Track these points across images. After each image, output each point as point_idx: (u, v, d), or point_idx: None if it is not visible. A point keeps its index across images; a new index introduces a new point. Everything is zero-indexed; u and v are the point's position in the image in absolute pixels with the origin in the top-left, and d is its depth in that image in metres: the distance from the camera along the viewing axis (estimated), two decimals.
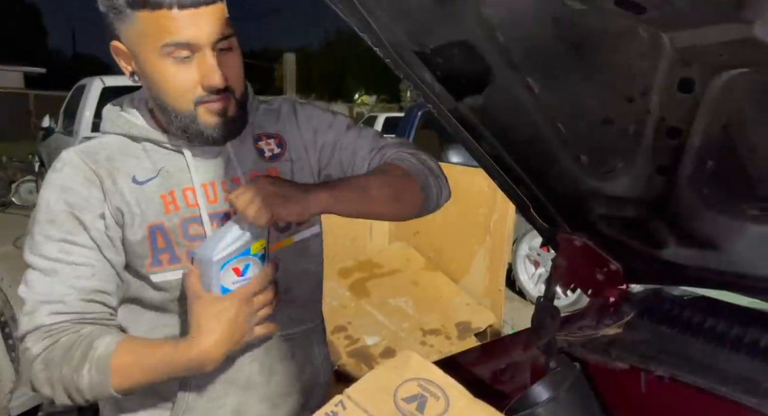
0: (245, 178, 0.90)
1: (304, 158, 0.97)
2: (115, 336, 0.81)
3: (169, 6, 0.75)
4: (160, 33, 0.76)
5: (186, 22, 0.76)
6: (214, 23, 0.78)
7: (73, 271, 0.81)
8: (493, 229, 3.18)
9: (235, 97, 0.84)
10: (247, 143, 0.93)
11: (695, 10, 0.63)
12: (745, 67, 0.67)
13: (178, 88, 0.80)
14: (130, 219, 0.84)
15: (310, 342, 1.02)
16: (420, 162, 0.97)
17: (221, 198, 0.89)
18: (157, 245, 0.85)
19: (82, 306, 0.81)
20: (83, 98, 5.44)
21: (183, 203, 0.86)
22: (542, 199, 1.13)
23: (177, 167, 0.88)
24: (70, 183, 0.83)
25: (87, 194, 0.83)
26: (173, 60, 0.78)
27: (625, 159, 0.95)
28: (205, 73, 0.79)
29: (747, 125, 0.76)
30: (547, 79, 0.89)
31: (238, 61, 0.84)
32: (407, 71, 0.97)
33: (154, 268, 0.86)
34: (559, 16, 0.76)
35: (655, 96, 0.79)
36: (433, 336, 2.94)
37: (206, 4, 0.77)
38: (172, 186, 0.87)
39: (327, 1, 0.90)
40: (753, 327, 0.96)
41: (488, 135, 1.04)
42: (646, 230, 1.03)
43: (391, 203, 0.92)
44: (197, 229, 0.87)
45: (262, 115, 0.97)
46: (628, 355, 1.02)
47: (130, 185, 0.85)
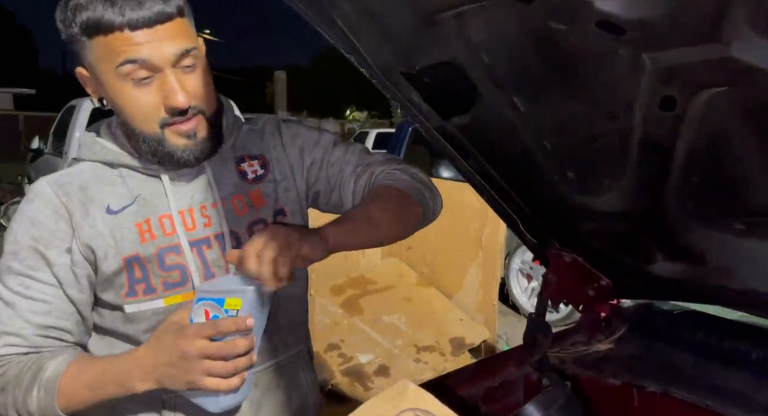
0: (225, 201, 0.88)
1: (289, 178, 0.95)
2: (66, 356, 0.79)
3: (120, 28, 0.73)
4: (115, 55, 0.75)
5: (140, 41, 0.74)
6: (171, 40, 0.76)
7: (30, 306, 0.80)
8: (485, 244, 3.19)
9: (205, 115, 0.82)
10: (228, 165, 0.91)
11: (674, 31, 0.64)
12: (725, 86, 0.68)
13: (141, 112, 0.78)
14: (103, 253, 0.82)
15: (296, 368, 1.00)
16: (411, 177, 0.96)
17: (200, 224, 0.87)
18: (134, 275, 0.83)
19: (39, 341, 0.81)
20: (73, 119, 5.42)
21: (159, 231, 0.84)
22: (531, 215, 1.13)
23: (154, 193, 0.86)
24: (39, 216, 0.82)
25: (54, 228, 0.82)
26: (132, 82, 0.76)
27: (611, 175, 0.96)
28: (167, 94, 0.77)
29: (729, 142, 0.77)
30: (533, 97, 0.90)
31: (205, 77, 0.81)
32: (394, 91, 0.98)
33: (129, 298, 0.84)
34: (542, 36, 0.77)
35: (638, 113, 0.80)
36: (427, 353, 2.92)
37: (160, 22, 0.75)
38: (149, 214, 0.85)
39: (313, 24, 0.91)
40: (743, 341, 0.97)
41: (475, 153, 1.04)
42: (634, 245, 1.04)
43: (395, 226, 0.91)
44: (174, 259, 0.84)
45: (245, 136, 0.95)
46: (621, 371, 1.02)
47: (104, 216, 0.83)
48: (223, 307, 0.74)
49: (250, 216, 0.90)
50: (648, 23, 0.65)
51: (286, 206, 0.94)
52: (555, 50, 0.78)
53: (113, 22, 0.73)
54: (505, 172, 1.08)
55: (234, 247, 0.87)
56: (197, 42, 0.81)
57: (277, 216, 0.92)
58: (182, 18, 0.78)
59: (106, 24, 0.73)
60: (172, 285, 0.85)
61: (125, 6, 0.73)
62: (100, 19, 0.73)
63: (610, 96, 0.81)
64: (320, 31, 0.92)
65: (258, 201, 0.91)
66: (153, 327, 0.85)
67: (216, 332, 0.71)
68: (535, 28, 0.76)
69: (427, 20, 0.80)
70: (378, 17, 0.82)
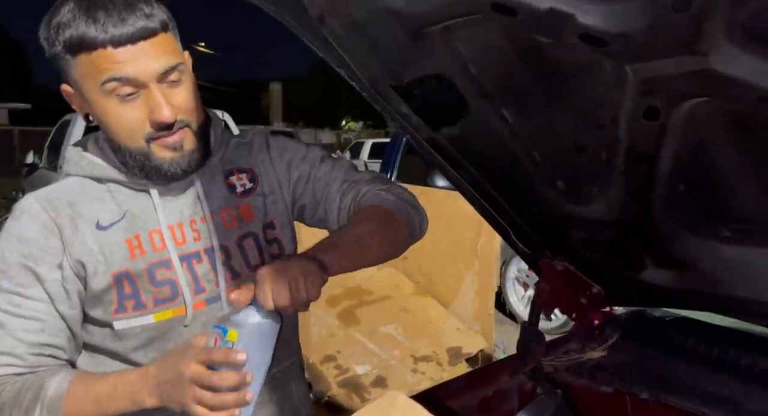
0: (214, 215, 0.88)
1: (277, 191, 0.95)
2: (65, 374, 0.78)
3: (103, 45, 0.73)
4: (99, 73, 0.74)
5: (124, 58, 0.74)
6: (156, 56, 0.75)
7: (22, 325, 0.79)
8: (481, 253, 3.19)
9: (192, 128, 0.82)
10: (217, 179, 0.91)
11: (654, 44, 0.65)
12: (706, 96, 0.70)
13: (127, 127, 0.78)
14: (93, 269, 0.82)
15: (287, 380, 1.00)
16: (397, 196, 0.96)
17: (190, 238, 0.86)
18: (123, 291, 0.82)
19: (33, 360, 0.80)
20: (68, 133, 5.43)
21: (149, 247, 0.84)
22: (522, 224, 1.14)
23: (143, 209, 0.85)
24: (27, 233, 0.81)
25: (44, 244, 0.81)
26: (117, 99, 0.76)
27: (599, 184, 0.97)
28: (152, 109, 0.77)
29: (712, 150, 0.78)
30: (520, 109, 0.92)
31: (190, 91, 0.81)
32: (384, 104, 0.99)
33: (118, 315, 0.83)
34: (527, 49, 0.78)
35: (623, 123, 0.82)
36: (425, 363, 2.91)
37: (144, 38, 0.74)
38: (138, 229, 0.84)
39: (303, 39, 0.93)
40: (733, 347, 0.97)
41: (466, 163, 1.06)
42: (624, 253, 1.05)
43: (385, 248, 0.91)
44: (164, 274, 0.84)
45: (234, 149, 0.95)
46: (613, 379, 1.02)
47: (93, 231, 0.82)
48: (225, 337, 0.73)
49: (239, 230, 0.90)
50: (629, 36, 0.66)
51: (275, 219, 0.94)
52: (540, 62, 0.80)
53: (96, 39, 0.73)
54: (495, 182, 1.09)
55: (223, 261, 0.87)
56: (182, 56, 0.81)
57: (267, 229, 0.93)
58: (166, 33, 0.78)
59: (89, 41, 0.73)
60: (162, 300, 0.84)
61: (108, 23, 0.73)
62: (83, 37, 0.73)
63: (595, 106, 0.83)
64: (310, 45, 0.94)
65: (247, 214, 0.91)
66: (143, 344, 0.84)
67: (207, 359, 0.71)
68: (520, 41, 0.77)
69: (414, 34, 0.81)
70: (366, 32, 0.83)
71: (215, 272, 0.87)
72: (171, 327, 0.85)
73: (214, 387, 0.70)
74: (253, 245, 0.91)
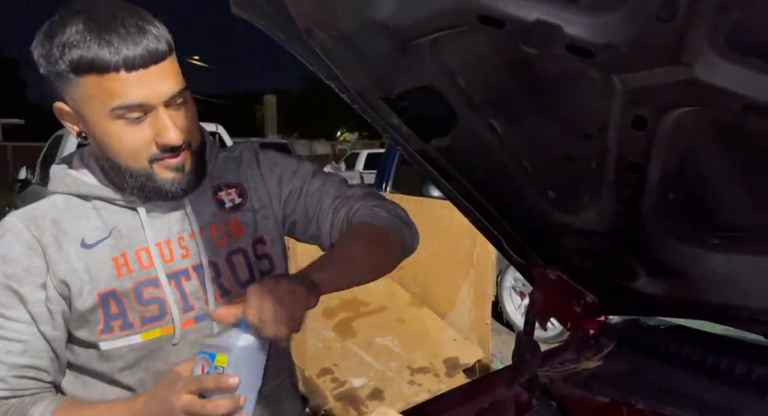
0: (203, 231, 0.87)
1: (268, 207, 0.95)
2: (49, 402, 0.77)
3: (116, 69, 0.72)
4: (109, 97, 0.73)
5: (135, 84, 0.73)
6: (165, 81, 0.75)
7: (4, 347, 0.78)
8: (476, 262, 3.19)
9: (191, 149, 0.82)
10: (205, 195, 0.90)
11: (639, 54, 0.66)
12: (692, 106, 0.70)
13: (131, 149, 0.78)
14: (78, 289, 0.80)
15: (279, 398, 0.99)
16: (388, 212, 0.96)
17: (178, 256, 0.85)
18: (110, 311, 0.81)
19: (16, 382, 0.78)
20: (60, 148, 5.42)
21: (137, 265, 0.83)
22: (515, 234, 1.14)
23: (130, 226, 0.84)
24: (11, 252, 0.80)
25: (28, 264, 0.79)
26: (125, 121, 0.75)
27: (590, 193, 0.97)
28: (159, 131, 0.77)
29: (700, 159, 0.79)
30: (509, 119, 0.92)
31: (192, 112, 0.82)
32: (374, 116, 1.00)
33: (104, 335, 0.81)
34: (515, 60, 0.79)
35: (612, 133, 0.82)
36: (422, 375, 2.89)
37: (155, 62, 0.74)
38: (125, 247, 0.83)
39: (292, 52, 0.93)
40: (727, 355, 0.97)
41: (457, 174, 1.06)
42: (616, 262, 1.05)
43: (377, 265, 0.91)
44: (152, 292, 0.83)
45: (222, 164, 0.95)
46: (609, 389, 1.02)
47: (78, 250, 0.81)
48: (214, 363, 0.71)
49: (228, 246, 0.89)
50: (615, 47, 0.67)
51: (265, 235, 0.93)
52: (528, 73, 0.80)
53: (109, 63, 0.71)
54: (487, 192, 1.09)
55: (212, 278, 0.86)
56: (184, 79, 0.81)
57: (257, 244, 0.92)
58: (171, 55, 0.78)
59: (102, 64, 0.71)
60: (149, 319, 0.83)
61: (121, 46, 0.71)
62: (94, 59, 0.71)
63: (584, 116, 0.83)
64: (300, 58, 0.94)
65: (236, 230, 0.91)
66: (129, 364, 0.83)
67: (199, 388, 0.69)
68: (508, 53, 0.78)
69: (402, 47, 0.82)
70: (354, 45, 0.83)
71: (204, 290, 0.86)
72: (159, 346, 0.84)
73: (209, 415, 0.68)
74: (243, 261, 0.90)
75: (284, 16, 0.85)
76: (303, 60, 0.93)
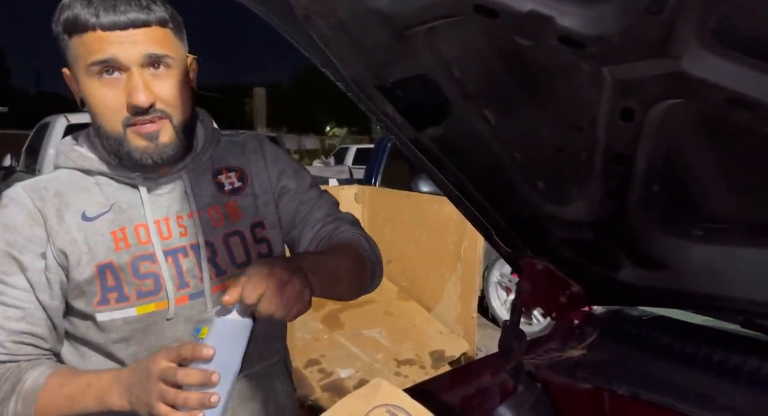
0: (201, 212, 0.89)
1: (268, 192, 0.97)
2: (45, 368, 0.79)
3: (93, 28, 0.76)
4: (88, 53, 0.78)
5: (110, 42, 0.77)
6: (142, 43, 0.78)
7: (3, 312, 0.80)
8: (464, 257, 3.22)
9: (172, 122, 0.83)
10: (205, 176, 0.92)
11: (628, 46, 0.68)
12: (679, 98, 0.72)
13: (106, 109, 0.80)
14: (76, 259, 0.82)
15: (271, 379, 1.00)
16: (371, 248, 0.99)
17: (176, 233, 0.87)
18: (107, 283, 0.83)
19: (13, 347, 0.80)
20: (47, 136, 5.35)
21: (134, 240, 0.85)
22: (504, 224, 1.16)
23: (130, 202, 0.86)
24: (13, 221, 0.82)
25: (29, 233, 0.82)
26: (100, 79, 0.79)
27: (579, 184, 0.99)
28: (130, 92, 0.78)
29: (685, 151, 0.81)
30: (502, 110, 0.94)
31: (177, 85, 0.83)
32: (369, 104, 1.01)
33: (101, 307, 0.83)
34: (508, 51, 0.81)
35: (601, 124, 0.84)
36: (408, 367, 2.92)
37: (135, 26, 0.77)
38: (124, 222, 0.85)
39: (290, 39, 0.94)
40: (706, 344, 1.00)
41: (449, 164, 1.07)
42: (603, 252, 1.07)
43: (351, 288, 0.93)
44: (148, 267, 0.85)
45: (225, 148, 0.97)
46: (592, 376, 1.05)
47: (79, 222, 0.83)
48: (198, 335, 0.73)
49: (225, 228, 0.91)
50: (605, 39, 0.68)
51: (265, 219, 0.95)
52: (521, 64, 0.82)
53: (88, 21, 0.76)
54: (478, 182, 1.11)
55: (209, 258, 0.88)
56: (177, 53, 0.83)
57: (255, 228, 0.94)
58: (163, 28, 0.80)
59: (82, 23, 0.76)
60: (145, 293, 0.84)
61: (100, 7, 0.76)
62: (77, 18, 0.76)
63: (574, 108, 0.85)
64: (297, 46, 0.95)
65: (234, 214, 0.92)
66: (124, 337, 0.84)
67: (176, 355, 0.70)
68: (502, 43, 0.79)
69: (398, 35, 0.83)
70: (351, 32, 0.85)
71: (200, 268, 0.88)
72: (153, 321, 0.85)
73: (178, 383, 0.69)
74: (240, 243, 0.92)
75: (282, 2, 0.85)
76: (299, 47, 0.94)
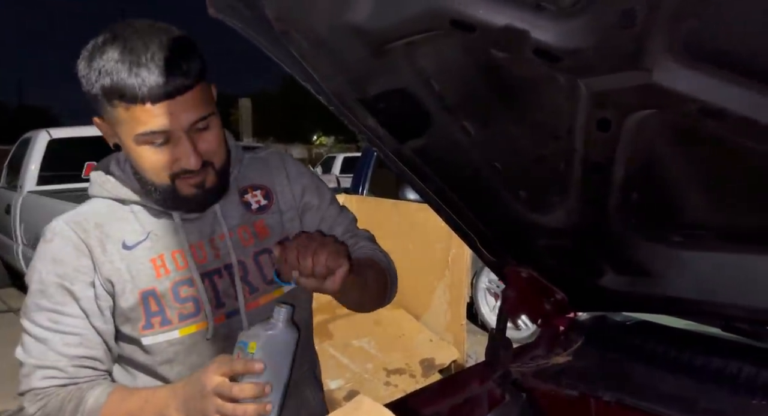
0: (232, 233, 0.94)
1: (294, 209, 1.01)
2: (105, 387, 0.83)
3: (143, 101, 0.78)
4: (135, 124, 0.80)
5: (159, 114, 0.79)
6: (188, 109, 0.81)
7: (62, 340, 0.84)
8: (452, 264, 3.23)
9: (215, 168, 0.87)
10: (232, 197, 0.96)
11: (602, 59, 0.69)
12: (652, 109, 0.74)
13: (154, 169, 0.84)
14: (121, 288, 0.86)
15: (303, 387, 1.04)
16: (388, 263, 1.04)
17: (211, 256, 0.92)
18: (150, 309, 0.87)
19: (74, 371, 0.84)
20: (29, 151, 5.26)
21: (173, 266, 0.89)
22: (487, 233, 1.17)
23: (165, 229, 0.90)
24: (60, 254, 0.86)
25: (77, 264, 0.86)
26: (149, 146, 0.82)
27: (559, 193, 1.00)
28: (180, 156, 0.83)
29: (661, 160, 0.83)
30: (481, 121, 0.95)
31: (217, 134, 0.86)
32: (350, 117, 1.01)
33: (146, 331, 0.88)
34: (486, 64, 0.82)
35: (578, 135, 0.86)
36: (398, 376, 2.91)
37: (180, 93, 0.79)
38: (162, 249, 0.89)
39: (269, 54, 0.94)
40: (688, 348, 1.02)
41: (431, 174, 1.08)
42: (585, 260, 1.08)
43: (373, 296, 0.98)
44: (187, 291, 0.89)
45: (248, 166, 1.00)
46: (577, 382, 1.05)
47: (120, 251, 0.87)
48: (246, 349, 0.77)
49: (255, 246, 0.96)
50: (580, 52, 0.70)
51: (290, 235, 0.98)
52: (499, 77, 0.83)
53: (136, 96, 0.77)
54: (461, 192, 1.12)
55: (241, 277, 0.93)
56: (213, 103, 0.86)
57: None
58: (199, 84, 0.82)
59: (130, 96, 0.77)
60: (186, 316, 0.89)
61: (149, 80, 0.77)
62: (124, 90, 0.77)
63: (552, 118, 0.86)
64: (277, 61, 0.95)
65: (262, 232, 0.97)
66: (168, 358, 0.89)
67: (228, 371, 0.74)
68: (479, 57, 0.81)
69: (377, 50, 0.84)
70: (329, 47, 0.85)
71: (234, 287, 0.92)
72: (194, 341, 0.90)
73: (234, 398, 0.73)
74: (269, 260, 0.96)
75: (261, 18, 0.86)
76: (280, 62, 0.95)
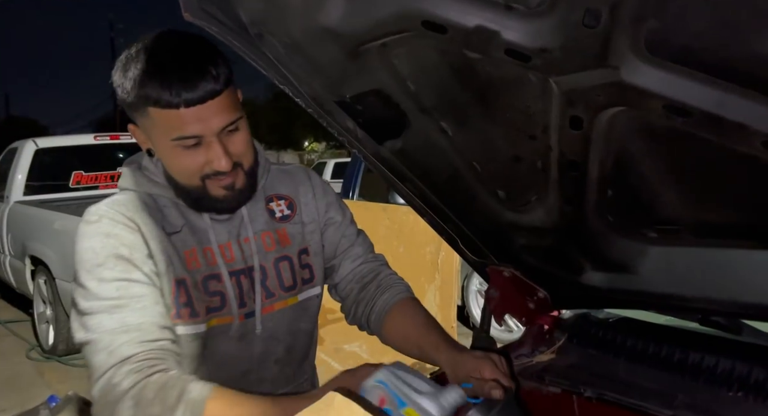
0: (256, 237, 0.97)
1: (315, 222, 1.04)
2: (204, 382, 0.81)
3: (177, 106, 0.80)
4: (170, 129, 0.82)
5: (192, 119, 0.81)
6: (220, 114, 0.83)
7: (138, 303, 0.83)
8: (441, 267, 3.23)
9: (244, 169, 0.90)
10: (259, 204, 0.99)
11: (570, 58, 0.70)
12: (620, 106, 0.75)
13: (186, 170, 0.87)
14: (163, 269, 0.88)
15: None
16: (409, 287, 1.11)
17: (238, 256, 0.95)
18: (180, 300, 0.88)
19: (158, 332, 0.82)
20: (15, 161, 5.21)
21: (204, 260, 0.92)
22: (468, 233, 1.18)
23: (197, 226, 0.93)
24: (113, 230, 0.86)
25: (131, 238, 0.86)
26: (182, 148, 0.84)
27: (537, 192, 1.02)
28: (211, 159, 0.85)
29: (633, 156, 0.84)
30: (458, 122, 0.96)
31: (245, 136, 0.89)
32: (329, 120, 1.02)
33: (176, 321, 0.88)
34: (459, 64, 0.83)
35: (553, 133, 0.87)
36: None
37: (211, 98, 0.81)
38: (194, 244, 0.92)
39: (246, 58, 0.95)
40: (666, 344, 1.03)
41: (411, 175, 1.09)
42: (564, 257, 1.09)
43: None
44: (216, 286, 0.92)
45: (274, 177, 1.04)
46: (560, 380, 1.06)
47: (161, 234, 0.89)
48: (400, 410, 0.71)
49: (276, 253, 0.98)
50: (548, 51, 0.71)
51: (310, 246, 1.03)
52: (473, 77, 0.84)
53: (170, 103, 0.80)
54: (440, 192, 1.13)
55: (261, 280, 0.96)
56: (241, 108, 0.88)
57: (302, 254, 1.02)
58: (228, 89, 0.84)
59: (164, 103, 0.81)
60: (212, 309, 0.91)
61: (181, 88, 0.80)
62: (158, 98, 0.80)
63: (527, 118, 0.87)
64: (254, 64, 0.96)
65: (284, 239, 1.00)
66: (192, 353, 0.90)
67: None
68: (452, 57, 0.82)
69: (352, 52, 0.84)
70: (304, 50, 0.86)
71: (254, 290, 0.95)
72: (214, 334, 0.91)
73: None
74: (288, 267, 0.99)
75: (236, 22, 0.87)
76: (257, 65, 0.95)
